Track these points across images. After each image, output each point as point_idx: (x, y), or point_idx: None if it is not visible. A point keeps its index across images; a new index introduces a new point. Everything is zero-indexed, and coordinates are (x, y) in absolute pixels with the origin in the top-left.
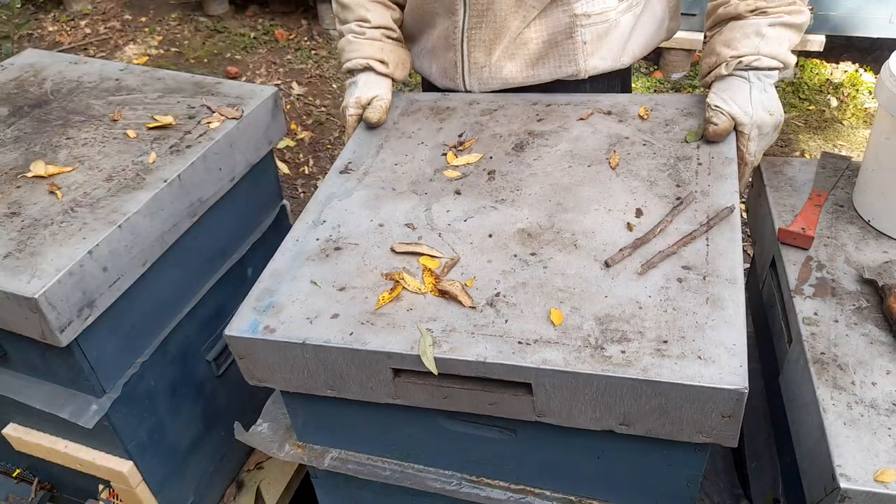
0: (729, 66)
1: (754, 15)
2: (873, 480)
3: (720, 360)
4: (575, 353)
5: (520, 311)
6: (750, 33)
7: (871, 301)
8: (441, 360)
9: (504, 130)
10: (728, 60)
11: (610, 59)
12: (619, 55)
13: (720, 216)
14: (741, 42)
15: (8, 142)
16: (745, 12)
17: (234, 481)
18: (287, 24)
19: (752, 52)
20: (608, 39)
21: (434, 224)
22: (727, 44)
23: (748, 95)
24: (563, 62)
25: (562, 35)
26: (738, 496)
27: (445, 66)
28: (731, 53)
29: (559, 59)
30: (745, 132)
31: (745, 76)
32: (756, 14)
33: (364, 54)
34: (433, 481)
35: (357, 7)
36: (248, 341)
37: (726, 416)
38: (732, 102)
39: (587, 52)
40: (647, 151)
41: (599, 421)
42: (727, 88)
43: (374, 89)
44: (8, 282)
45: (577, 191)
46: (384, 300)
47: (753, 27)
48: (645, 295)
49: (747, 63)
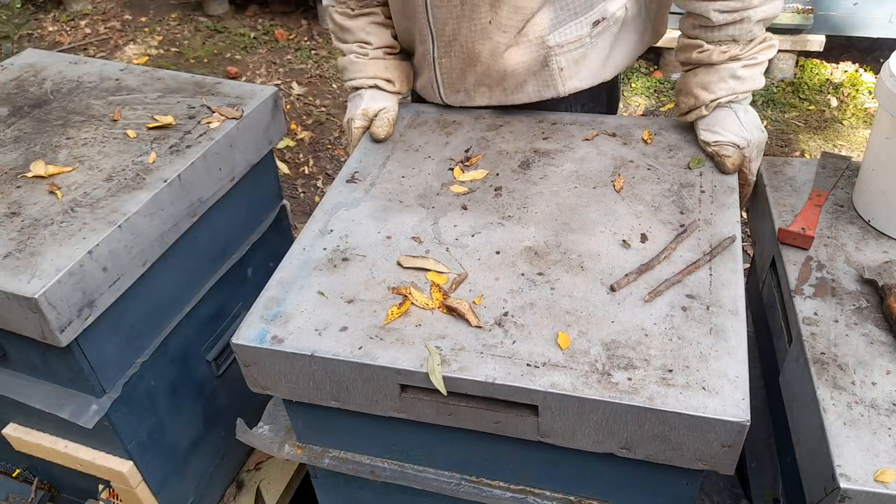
0: (709, 108)
1: (729, 61)
2: (873, 480)
3: (723, 391)
4: (582, 378)
5: (528, 332)
6: (726, 77)
7: (871, 301)
8: (449, 379)
9: (510, 147)
10: (707, 103)
11: (590, 78)
12: (599, 72)
13: (723, 245)
14: (718, 86)
15: (8, 142)
16: (718, 61)
17: (234, 481)
18: (287, 24)
19: (729, 94)
20: (586, 62)
21: (441, 238)
22: (704, 87)
23: (737, 121)
24: (542, 88)
25: (538, 64)
26: (738, 496)
27: (425, 84)
28: (710, 98)
29: (538, 85)
30: (746, 154)
31: (727, 106)
32: (730, 60)
33: (369, 74)
34: (433, 481)
35: (357, 31)
36: (255, 350)
37: (726, 446)
38: (727, 132)
39: (565, 77)
40: (652, 176)
41: (601, 444)
42: (715, 122)
43: (380, 102)
44: (8, 282)
45: (583, 212)
46: (393, 315)
47: (728, 72)
48: (650, 322)
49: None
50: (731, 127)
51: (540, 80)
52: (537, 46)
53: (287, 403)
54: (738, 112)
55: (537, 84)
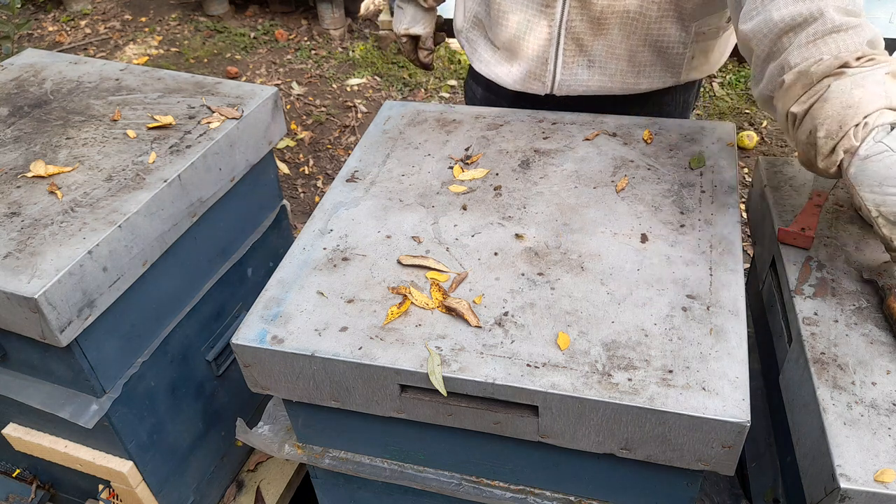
0: (862, 132)
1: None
2: (873, 480)
3: (724, 392)
4: (583, 379)
5: (528, 332)
6: (869, 85)
7: (871, 301)
8: (449, 380)
9: (510, 146)
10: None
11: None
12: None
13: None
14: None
15: (8, 142)
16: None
17: (234, 481)
18: (287, 24)
19: (879, 107)
20: (710, 52)
21: (441, 238)
22: (848, 105)
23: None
24: (666, 75)
25: (674, 48)
26: (737, 496)
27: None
28: (859, 116)
29: (661, 71)
30: None
31: (885, 146)
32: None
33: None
34: (433, 481)
35: None
36: (254, 350)
37: (727, 447)
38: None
39: (691, 66)
40: (652, 176)
41: (601, 445)
42: (875, 176)
43: (419, 26)
44: (8, 282)
45: (584, 212)
46: (393, 315)
47: (870, 77)
48: (650, 322)
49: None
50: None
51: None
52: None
53: (287, 403)
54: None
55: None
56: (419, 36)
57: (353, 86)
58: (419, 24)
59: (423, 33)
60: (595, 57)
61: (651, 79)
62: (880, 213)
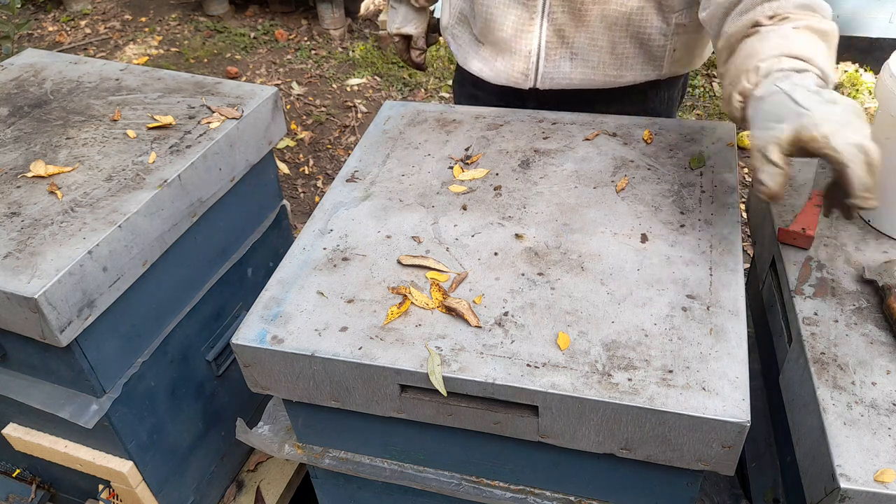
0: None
1: (774, 22)
2: (873, 480)
3: (724, 392)
4: (583, 379)
5: (528, 332)
6: (770, 36)
7: (871, 301)
8: (449, 380)
9: (510, 146)
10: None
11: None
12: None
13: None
14: (762, 46)
15: (8, 142)
16: (763, 19)
17: (234, 481)
18: (287, 24)
19: (775, 54)
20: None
21: (441, 238)
22: (749, 56)
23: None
24: (648, 67)
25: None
26: (737, 496)
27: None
28: (754, 63)
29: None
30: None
31: (777, 87)
32: (776, 21)
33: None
34: (433, 481)
35: None
36: (254, 350)
37: (727, 447)
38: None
39: (673, 59)
40: (652, 176)
41: (601, 445)
42: (766, 114)
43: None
44: (8, 282)
45: (584, 212)
46: (393, 315)
47: (776, 31)
48: (650, 322)
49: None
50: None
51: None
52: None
53: (287, 403)
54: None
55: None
56: (411, 35)
57: (353, 86)
58: (411, 23)
59: (415, 33)
60: (577, 49)
61: (634, 71)
62: (755, 145)
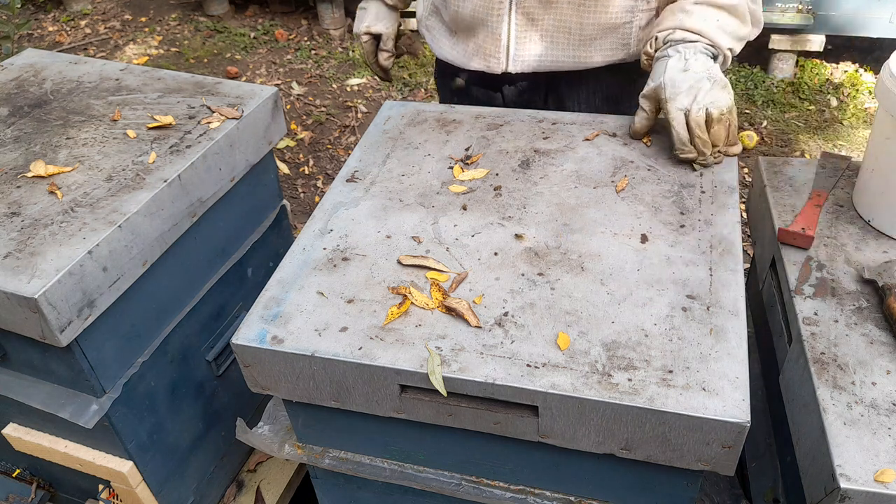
0: (654, 44)
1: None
2: (873, 480)
3: (724, 392)
4: (583, 379)
5: (528, 332)
6: (676, 10)
7: (871, 301)
8: (449, 380)
9: (510, 146)
10: (653, 37)
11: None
12: None
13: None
14: (666, 19)
15: (8, 142)
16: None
17: (234, 481)
18: (287, 24)
19: (671, 27)
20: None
21: (441, 238)
22: (655, 25)
23: (664, 67)
24: (616, 46)
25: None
26: (737, 496)
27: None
28: (655, 32)
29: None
30: (660, 95)
31: (666, 53)
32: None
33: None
34: (433, 481)
35: None
36: (254, 350)
37: (727, 447)
38: (651, 81)
39: (639, 38)
40: (652, 177)
41: (601, 445)
42: (653, 74)
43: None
44: (8, 282)
45: (584, 212)
46: (393, 315)
47: (679, 6)
48: (650, 323)
49: (665, 38)
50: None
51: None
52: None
53: (287, 403)
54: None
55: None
56: (381, 35)
57: (353, 86)
58: (381, 21)
59: (385, 32)
60: (546, 30)
61: (603, 52)
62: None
